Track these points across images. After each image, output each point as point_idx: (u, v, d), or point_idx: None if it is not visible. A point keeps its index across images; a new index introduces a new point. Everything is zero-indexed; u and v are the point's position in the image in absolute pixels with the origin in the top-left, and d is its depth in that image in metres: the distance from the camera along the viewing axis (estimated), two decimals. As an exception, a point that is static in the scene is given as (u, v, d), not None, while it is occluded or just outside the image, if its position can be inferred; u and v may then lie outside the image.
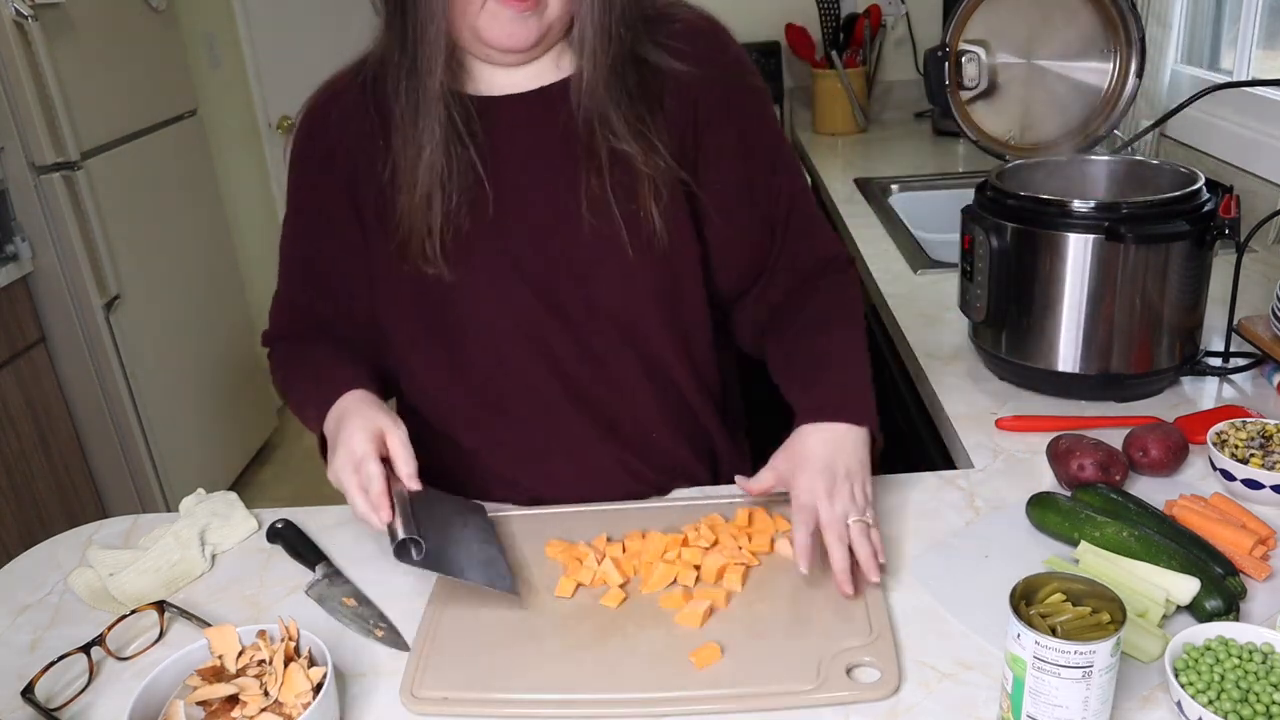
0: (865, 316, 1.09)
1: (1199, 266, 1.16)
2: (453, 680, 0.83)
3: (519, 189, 0.99)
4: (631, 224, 0.98)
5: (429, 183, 0.95)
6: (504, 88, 0.99)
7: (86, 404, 2.53)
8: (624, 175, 0.97)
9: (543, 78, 0.99)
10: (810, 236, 1.11)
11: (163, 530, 1.06)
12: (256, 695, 0.77)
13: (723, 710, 0.79)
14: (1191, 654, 0.76)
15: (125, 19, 2.67)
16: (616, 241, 0.98)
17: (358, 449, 0.91)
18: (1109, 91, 1.60)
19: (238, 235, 3.36)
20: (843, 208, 2.15)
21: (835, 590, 0.89)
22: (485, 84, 1.00)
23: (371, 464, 0.90)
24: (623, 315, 1.03)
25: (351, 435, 0.92)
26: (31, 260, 2.36)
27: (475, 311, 1.02)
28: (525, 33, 0.92)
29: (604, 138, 0.96)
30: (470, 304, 1.02)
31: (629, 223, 0.98)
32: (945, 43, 1.57)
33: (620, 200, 0.97)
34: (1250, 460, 0.99)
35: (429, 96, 0.93)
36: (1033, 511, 0.97)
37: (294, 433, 3.56)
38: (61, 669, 0.86)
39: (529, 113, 0.99)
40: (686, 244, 1.03)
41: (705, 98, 1.01)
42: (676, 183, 1.00)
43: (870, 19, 2.87)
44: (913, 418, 1.47)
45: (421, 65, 0.92)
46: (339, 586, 0.97)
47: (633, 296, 1.02)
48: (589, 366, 1.05)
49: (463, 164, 0.96)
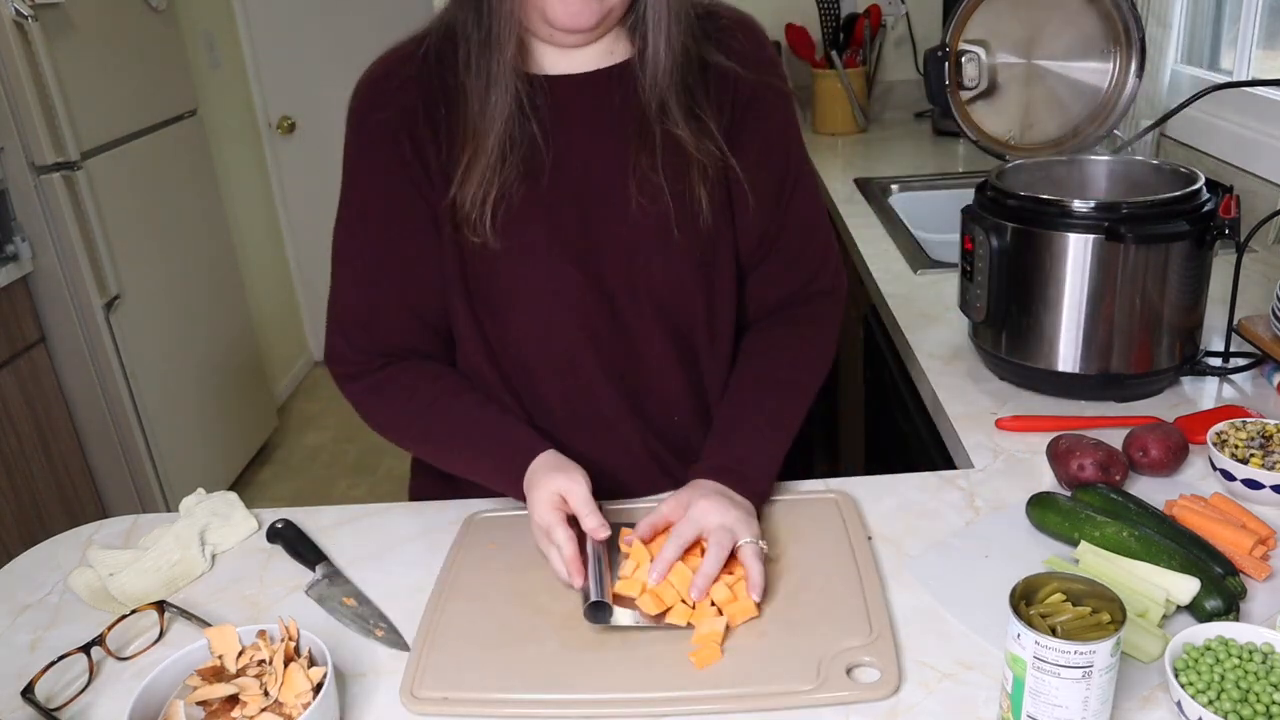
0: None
1: (1199, 266, 1.16)
2: (453, 680, 0.83)
3: (573, 165, 1.02)
4: (679, 205, 1.02)
5: (495, 153, 0.98)
6: (564, 69, 1.03)
7: (86, 404, 2.53)
8: (674, 157, 1.01)
9: (599, 62, 1.03)
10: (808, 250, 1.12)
11: (163, 530, 1.06)
12: (256, 695, 0.77)
13: (723, 710, 0.79)
14: (1191, 654, 0.76)
15: (125, 19, 2.67)
16: (663, 220, 1.02)
17: (542, 520, 0.94)
18: (1109, 91, 1.60)
19: (238, 235, 3.36)
20: (843, 208, 2.15)
21: (835, 590, 0.89)
22: (547, 65, 1.03)
23: (558, 531, 0.92)
24: (662, 294, 1.06)
25: (534, 507, 0.95)
26: (31, 260, 2.36)
27: (519, 282, 1.04)
28: (589, 13, 0.95)
29: (659, 119, 1.00)
30: (515, 274, 1.04)
31: (676, 203, 1.02)
32: (945, 43, 1.57)
33: (669, 180, 1.01)
34: (1250, 460, 0.99)
35: (502, 70, 0.97)
36: (1033, 511, 0.97)
37: (294, 433, 3.57)
38: (61, 669, 0.86)
39: (586, 93, 1.02)
40: (725, 228, 1.06)
41: (744, 91, 1.05)
42: (720, 169, 1.03)
43: (870, 19, 2.87)
44: (913, 418, 1.47)
45: (494, 40, 0.96)
46: (339, 586, 0.97)
47: (673, 276, 1.05)
48: (623, 343, 1.07)
49: (525, 137, 1.00)
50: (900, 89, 3.07)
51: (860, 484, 1.09)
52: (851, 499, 1.05)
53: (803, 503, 1.04)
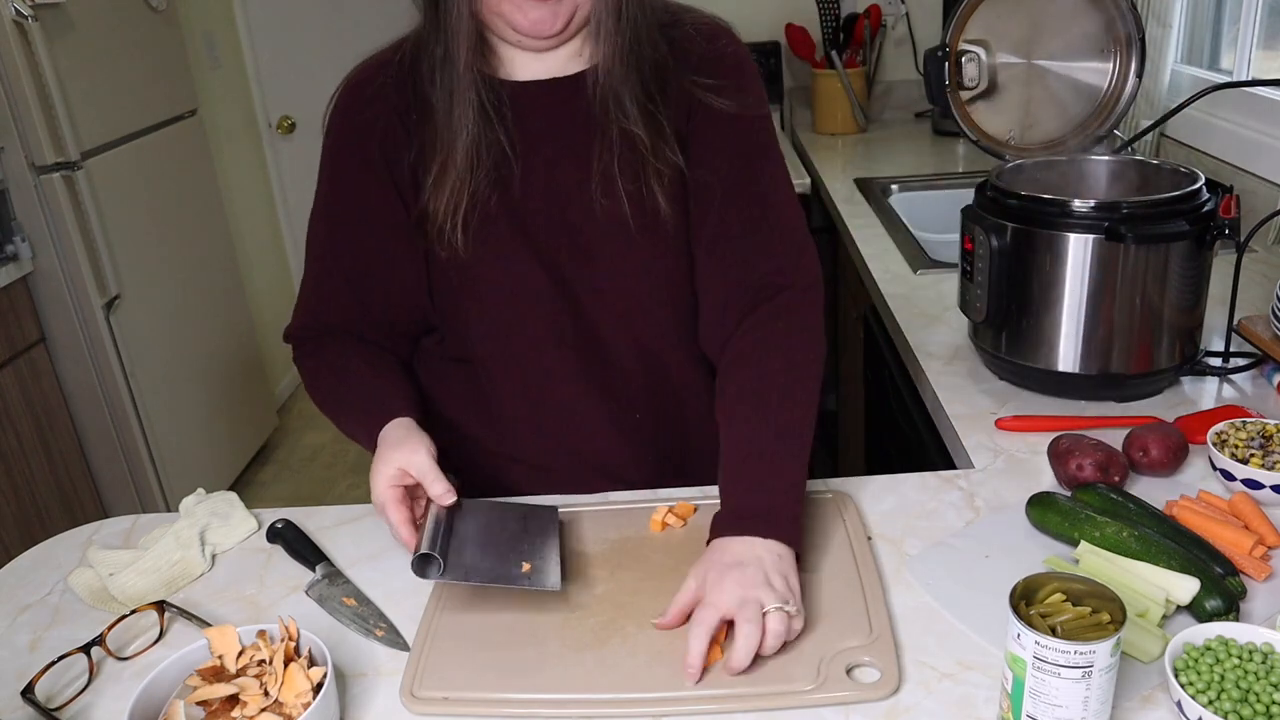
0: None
1: (1199, 266, 1.16)
2: (453, 680, 0.83)
3: (540, 170, 1.03)
4: (635, 202, 1.03)
5: (463, 164, 0.99)
6: (534, 74, 1.03)
7: (86, 404, 2.53)
8: (630, 155, 1.02)
9: (568, 67, 1.04)
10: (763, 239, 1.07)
11: (163, 530, 1.06)
12: (256, 695, 0.77)
13: (723, 710, 0.79)
14: (1191, 654, 0.76)
15: (125, 19, 2.67)
16: (623, 220, 1.03)
17: (377, 499, 0.95)
18: (1109, 91, 1.60)
19: (238, 235, 3.36)
20: (843, 208, 2.15)
21: (835, 590, 0.89)
22: (518, 69, 1.04)
23: (390, 513, 0.94)
24: (625, 292, 1.07)
25: (373, 482, 0.96)
26: (31, 260, 2.36)
27: (485, 285, 1.06)
28: (552, 19, 0.96)
29: (615, 118, 1.01)
30: (481, 277, 1.05)
31: (633, 201, 1.02)
32: (945, 43, 1.57)
33: (627, 181, 1.02)
34: (1250, 460, 0.99)
35: (462, 84, 0.98)
36: (1032, 511, 0.97)
37: (294, 433, 3.57)
38: (61, 669, 0.86)
39: (553, 98, 1.03)
40: (685, 228, 1.07)
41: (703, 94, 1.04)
42: (678, 170, 1.04)
43: (870, 19, 2.87)
44: (913, 418, 1.47)
45: (451, 56, 0.97)
46: (339, 586, 0.97)
47: (635, 274, 1.06)
48: (587, 342, 1.09)
49: (493, 146, 1.01)
50: (900, 89, 3.07)
51: (860, 484, 1.09)
52: (851, 499, 1.05)
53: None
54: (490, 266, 1.04)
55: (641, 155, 1.02)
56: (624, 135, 1.01)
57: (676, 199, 1.04)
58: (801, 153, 2.80)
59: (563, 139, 1.03)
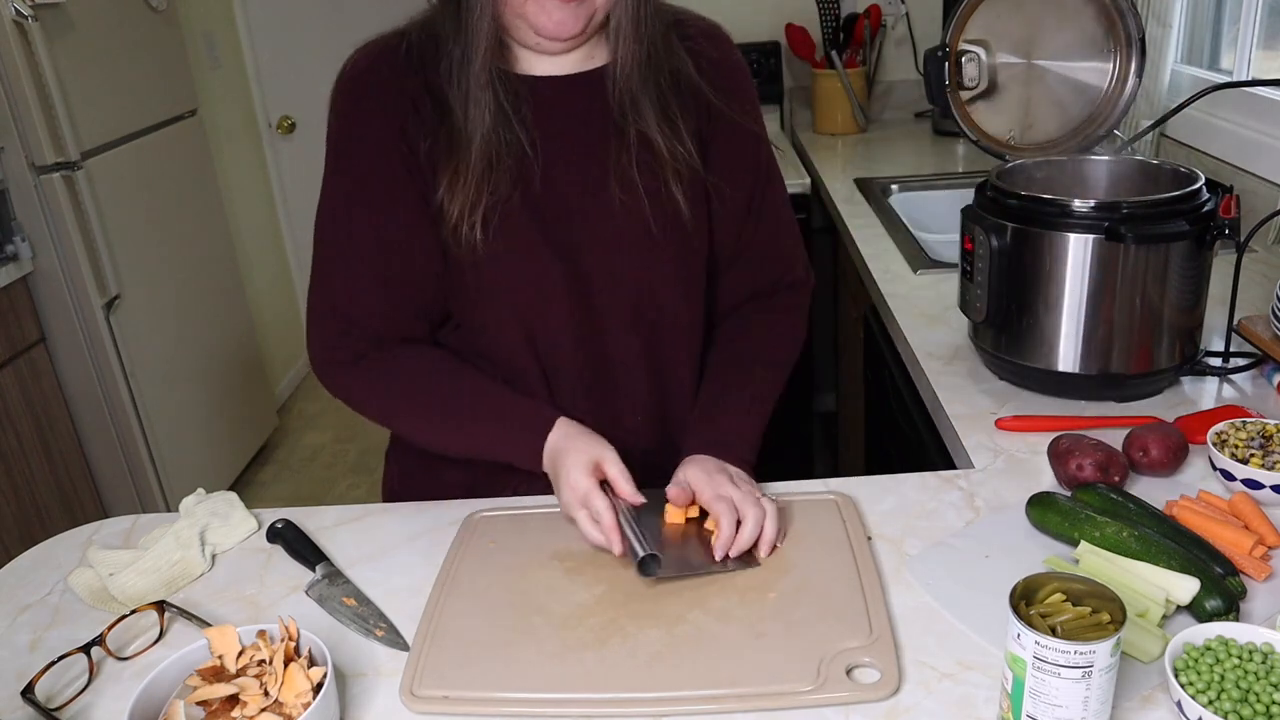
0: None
1: (1199, 266, 1.16)
2: (453, 680, 0.83)
3: (559, 166, 1.03)
4: (655, 201, 1.04)
5: (479, 164, 0.99)
6: (546, 71, 1.04)
7: (86, 404, 2.53)
8: (649, 157, 1.04)
9: (579, 66, 1.05)
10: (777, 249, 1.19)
11: (163, 530, 1.06)
12: (256, 695, 0.77)
13: (723, 710, 0.79)
14: (1191, 654, 0.76)
15: (125, 19, 2.67)
16: (643, 218, 1.04)
17: (580, 485, 0.96)
18: (1109, 91, 1.60)
19: (237, 235, 3.36)
20: (843, 208, 2.15)
21: (835, 591, 0.89)
22: (532, 66, 1.04)
23: (596, 499, 0.95)
24: (639, 290, 1.08)
25: (570, 473, 0.97)
26: (31, 260, 2.36)
27: (501, 279, 1.05)
28: (573, 21, 0.97)
29: (633, 120, 1.03)
30: (498, 271, 1.04)
31: (653, 202, 1.04)
32: (945, 43, 1.57)
33: (646, 179, 1.04)
34: (1250, 460, 0.99)
35: (478, 84, 0.98)
36: (1032, 511, 0.97)
37: (294, 433, 3.57)
38: (61, 669, 0.86)
39: (570, 95, 1.04)
40: (702, 227, 1.10)
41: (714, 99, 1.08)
42: (694, 170, 1.06)
43: (870, 19, 2.87)
44: (913, 418, 1.47)
45: (470, 57, 0.98)
46: (339, 586, 0.97)
47: (651, 272, 1.08)
48: (595, 341, 1.09)
49: (513, 145, 1.01)
50: (900, 89, 3.07)
51: (860, 484, 1.09)
52: (851, 499, 1.05)
53: (803, 503, 1.04)
54: (509, 262, 1.04)
55: (659, 156, 1.04)
56: (641, 137, 1.03)
57: (696, 201, 1.07)
58: (801, 153, 2.80)
59: (581, 136, 1.04)
